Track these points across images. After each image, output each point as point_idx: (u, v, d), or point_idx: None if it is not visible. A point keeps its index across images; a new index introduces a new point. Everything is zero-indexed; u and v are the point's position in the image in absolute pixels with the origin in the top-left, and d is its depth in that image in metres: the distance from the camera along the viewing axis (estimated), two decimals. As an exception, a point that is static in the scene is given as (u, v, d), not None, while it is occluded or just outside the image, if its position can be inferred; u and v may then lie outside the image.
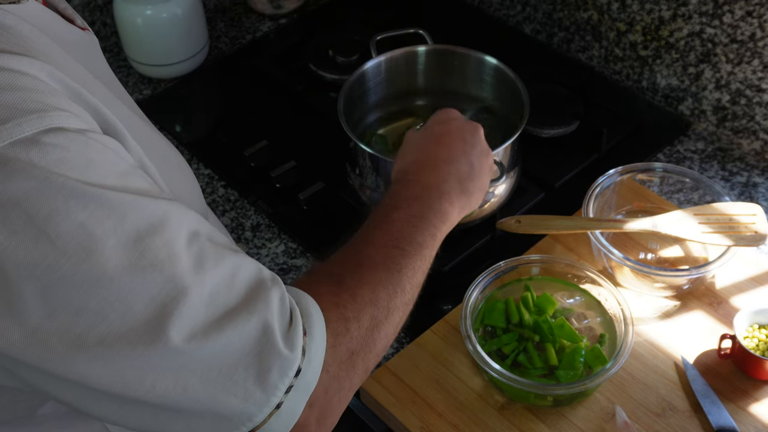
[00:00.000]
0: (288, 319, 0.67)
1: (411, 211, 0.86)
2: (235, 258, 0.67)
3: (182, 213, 0.66)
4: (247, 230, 1.27)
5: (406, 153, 0.98)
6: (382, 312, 0.77)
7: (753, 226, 1.09)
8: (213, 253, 0.65)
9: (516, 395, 1.01)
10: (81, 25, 0.83)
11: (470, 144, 0.97)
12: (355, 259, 0.80)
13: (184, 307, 0.62)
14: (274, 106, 1.47)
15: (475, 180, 0.96)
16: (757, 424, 0.99)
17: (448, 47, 1.28)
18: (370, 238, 0.83)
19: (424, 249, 0.85)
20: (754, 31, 1.24)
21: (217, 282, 0.64)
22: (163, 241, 0.62)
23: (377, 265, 0.79)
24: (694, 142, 1.36)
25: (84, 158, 0.61)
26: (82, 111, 0.64)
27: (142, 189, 0.64)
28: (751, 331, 1.04)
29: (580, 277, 1.09)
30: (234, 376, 0.64)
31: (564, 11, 1.49)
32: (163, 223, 0.63)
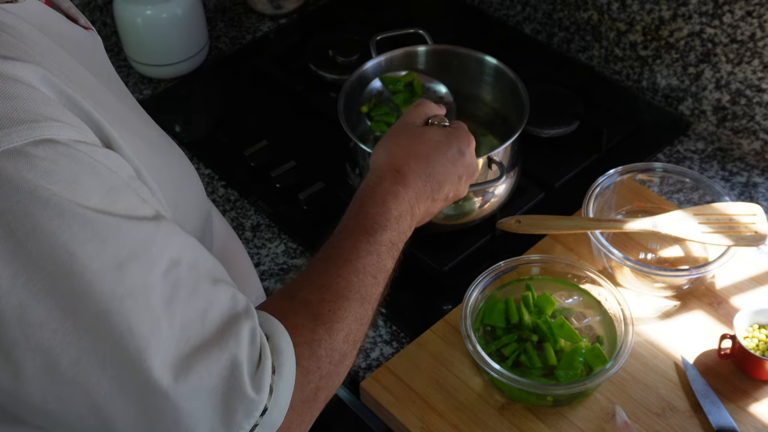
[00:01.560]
0: (257, 357, 0.66)
1: (394, 233, 0.85)
2: (211, 290, 0.66)
3: (166, 237, 0.64)
4: (247, 230, 1.27)
5: (407, 146, 0.93)
6: (351, 346, 0.76)
7: (753, 226, 1.09)
8: (189, 285, 0.64)
9: (516, 395, 1.01)
10: (84, 24, 0.82)
11: (459, 185, 0.96)
12: (336, 287, 0.77)
13: (156, 340, 0.60)
14: (274, 106, 1.47)
15: (432, 214, 0.95)
16: (757, 424, 0.99)
17: (448, 47, 1.28)
18: (354, 262, 0.80)
19: (388, 274, 0.85)
20: (754, 31, 1.24)
21: (190, 316, 0.63)
22: (142, 269, 0.61)
23: (355, 297, 0.78)
24: (694, 142, 1.36)
25: (72, 174, 0.60)
26: (76, 120, 0.63)
27: (130, 208, 0.63)
28: (751, 331, 1.04)
29: (580, 277, 1.09)
30: (199, 415, 0.63)
31: (564, 11, 1.49)
32: (144, 250, 0.62)
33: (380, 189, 0.88)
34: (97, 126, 0.65)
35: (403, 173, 0.90)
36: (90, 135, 0.64)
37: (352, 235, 0.83)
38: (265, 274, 1.20)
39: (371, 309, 0.81)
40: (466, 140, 0.96)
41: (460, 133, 0.96)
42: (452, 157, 0.94)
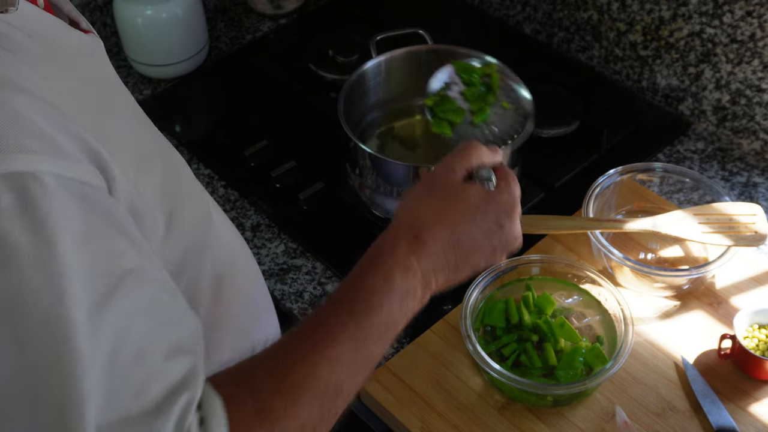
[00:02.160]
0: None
1: (391, 316, 0.74)
2: (154, 365, 0.61)
3: (121, 303, 0.60)
4: (247, 230, 1.27)
5: (437, 204, 0.80)
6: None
7: (753, 226, 1.09)
8: (132, 356, 0.60)
9: (516, 395, 1.01)
10: (85, 27, 0.81)
11: (495, 256, 0.82)
12: (298, 376, 0.68)
13: (83, 410, 0.57)
14: (274, 106, 1.47)
15: (456, 282, 0.82)
16: (757, 424, 0.99)
17: (448, 47, 1.28)
18: (329, 348, 0.70)
19: (375, 363, 0.75)
20: (754, 31, 1.24)
21: (123, 391, 0.60)
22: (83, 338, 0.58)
23: (318, 392, 0.68)
24: (694, 142, 1.36)
25: (41, 213, 0.57)
26: (64, 144, 0.61)
27: (96, 258, 0.60)
28: (751, 331, 1.04)
29: (580, 277, 1.09)
30: None
31: (564, 11, 1.49)
32: (96, 312, 0.58)
33: (391, 258, 0.76)
34: (90, 148, 0.64)
35: (422, 240, 0.77)
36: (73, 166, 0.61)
37: (339, 311, 0.73)
38: (265, 274, 1.20)
39: (345, 401, 0.71)
40: (510, 210, 0.81)
41: (503, 199, 0.81)
42: (487, 229, 0.80)
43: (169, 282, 0.68)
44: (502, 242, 0.82)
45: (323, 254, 1.21)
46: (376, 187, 1.18)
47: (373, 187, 1.18)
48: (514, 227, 0.83)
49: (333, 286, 1.17)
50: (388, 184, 1.15)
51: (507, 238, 0.82)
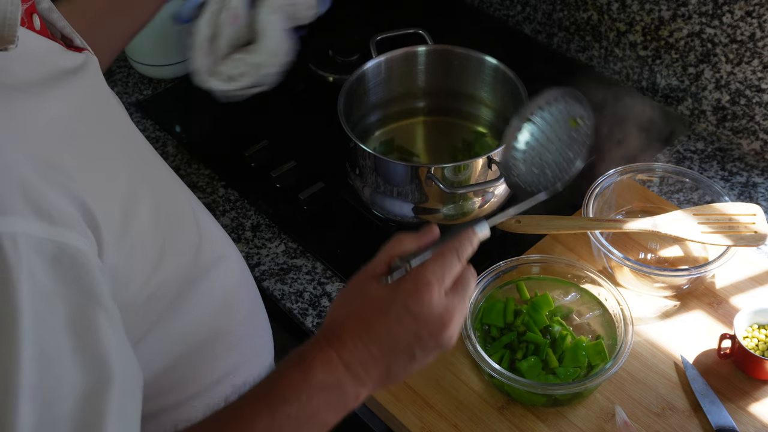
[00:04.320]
0: None
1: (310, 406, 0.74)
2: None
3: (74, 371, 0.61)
4: (247, 230, 1.27)
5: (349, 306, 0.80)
6: None
7: (753, 226, 1.09)
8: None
9: (516, 395, 1.01)
10: (80, 44, 0.81)
11: (425, 339, 0.78)
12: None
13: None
14: (274, 106, 1.47)
15: (407, 371, 0.79)
16: (756, 424, 0.99)
17: (448, 47, 1.28)
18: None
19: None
20: (754, 31, 1.24)
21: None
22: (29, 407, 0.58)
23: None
24: (694, 142, 1.36)
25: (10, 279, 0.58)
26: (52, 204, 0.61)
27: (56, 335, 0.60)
28: (750, 331, 1.05)
29: (580, 276, 1.10)
30: None
31: (564, 11, 1.49)
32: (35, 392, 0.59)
33: (311, 353, 0.76)
34: (83, 206, 0.64)
35: (340, 337, 0.77)
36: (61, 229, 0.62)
37: (256, 401, 0.74)
38: (265, 274, 1.20)
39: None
40: (414, 295, 0.76)
41: (407, 287, 0.77)
42: (396, 317, 0.76)
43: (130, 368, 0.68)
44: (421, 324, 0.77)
45: (323, 254, 1.21)
46: (376, 187, 1.18)
47: (373, 187, 1.18)
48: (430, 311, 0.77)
49: (333, 286, 1.17)
50: (388, 184, 1.15)
51: (425, 320, 0.77)
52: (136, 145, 0.84)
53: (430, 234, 0.82)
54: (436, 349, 0.79)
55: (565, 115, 0.95)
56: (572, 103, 0.95)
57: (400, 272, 0.78)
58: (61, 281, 0.61)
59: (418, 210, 1.16)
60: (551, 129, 0.94)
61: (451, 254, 0.79)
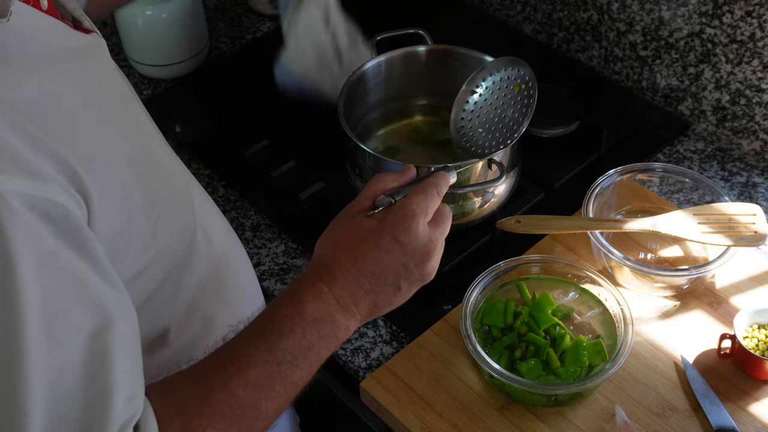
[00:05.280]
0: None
1: (302, 341, 0.77)
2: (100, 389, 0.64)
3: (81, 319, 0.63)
4: (247, 230, 1.27)
5: (338, 239, 0.84)
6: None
7: (753, 226, 1.09)
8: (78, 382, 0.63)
9: (516, 395, 1.01)
10: (88, 27, 0.82)
11: (410, 269, 0.83)
12: (218, 399, 0.72)
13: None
14: (274, 106, 1.47)
15: (394, 300, 0.84)
16: (756, 424, 0.99)
17: (448, 47, 1.28)
18: (245, 372, 0.74)
19: (297, 387, 0.78)
20: (754, 31, 1.24)
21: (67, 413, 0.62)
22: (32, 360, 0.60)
23: (235, 414, 0.72)
24: (694, 142, 1.36)
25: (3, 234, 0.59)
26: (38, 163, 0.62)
27: (54, 282, 0.62)
28: (750, 331, 1.05)
29: (580, 277, 1.10)
30: None
31: (564, 11, 1.49)
32: (48, 335, 0.61)
33: (300, 287, 0.80)
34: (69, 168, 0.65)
35: (329, 270, 0.81)
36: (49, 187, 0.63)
37: (253, 336, 0.77)
38: (265, 274, 1.20)
39: (263, 423, 0.75)
40: (402, 225, 0.82)
41: (393, 218, 0.82)
42: (385, 247, 0.81)
43: (127, 311, 0.69)
44: (408, 254, 0.82)
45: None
46: (376, 187, 1.18)
47: (373, 187, 1.18)
48: (415, 236, 0.82)
49: (333, 286, 1.18)
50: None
51: (412, 249, 0.82)
52: (140, 127, 0.84)
53: (408, 173, 0.88)
54: (419, 282, 0.84)
55: (508, 83, 1.05)
56: (514, 70, 1.04)
57: (386, 206, 0.84)
58: (54, 234, 0.62)
59: (418, 210, 1.16)
60: (496, 96, 1.04)
61: (431, 188, 0.85)
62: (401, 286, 0.83)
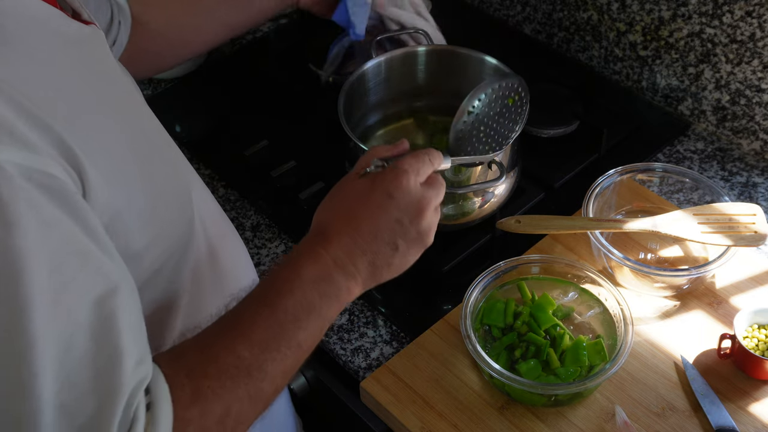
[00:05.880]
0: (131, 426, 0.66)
1: (303, 300, 0.78)
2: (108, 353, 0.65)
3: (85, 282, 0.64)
4: (247, 230, 1.27)
5: (335, 203, 0.87)
6: (230, 425, 0.72)
7: (753, 226, 1.09)
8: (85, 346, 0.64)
9: (516, 395, 1.01)
10: (87, 18, 0.83)
11: (405, 226, 0.84)
12: (224, 362, 0.73)
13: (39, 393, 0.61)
14: (274, 106, 1.47)
15: (394, 259, 0.85)
16: (756, 424, 0.99)
17: (448, 47, 1.28)
18: (249, 335, 0.75)
19: (303, 347, 0.78)
20: (754, 31, 1.24)
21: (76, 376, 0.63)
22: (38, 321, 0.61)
23: (242, 375, 0.73)
24: (694, 142, 1.36)
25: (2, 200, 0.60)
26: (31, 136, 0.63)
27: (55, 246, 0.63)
28: (750, 331, 1.05)
29: (580, 277, 1.10)
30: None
31: (564, 11, 1.49)
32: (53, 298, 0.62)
33: (298, 253, 0.82)
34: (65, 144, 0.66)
35: (325, 234, 0.83)
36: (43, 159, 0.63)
37: (254, 301, 0.79)
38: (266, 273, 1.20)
39: (271, 384, 0.75)
40: (394, 181, 0.84)
41: (385, 176, 0.85)
42: (378, 203, 0.84)
43: (128, 281, 0.70)
44: (402, 209, 0.84)
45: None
46: (376, 187, 1.18)
47: (373, 187, 1.18)
48: (409, 194, 0.84)
49: (333, 286, 1.18)
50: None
51: (405, 204, 0.84)
52: (139, 114, 0.85)
53: (402, 145, 0.91)
54: (417, 242, 0.85)
55: (501, 97, 1.10)
56: (507, 84, 1.10)
57: (379, 167, 0.86)
58: (53, 204, 0.63)
59: (418, 210, 1.16)
60: (491, 109, 1.10)
61: (424, 155, 0.88)
62: (398, 245, 0.84)
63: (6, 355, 0.61)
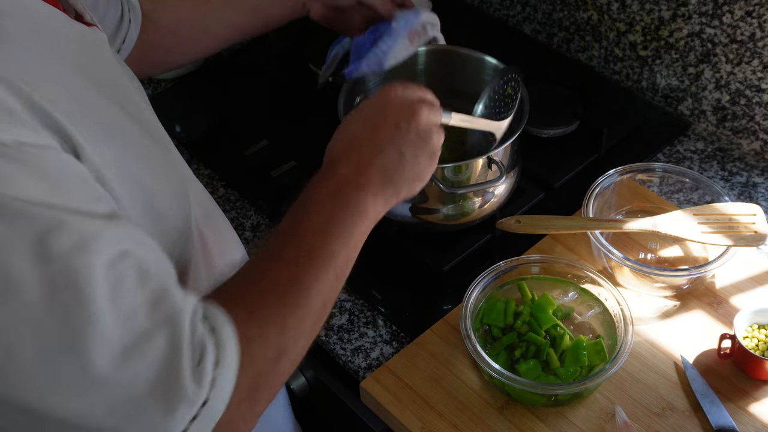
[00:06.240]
0: (200, 350, 0.67)
1: (324, 214, 0.81)
2: (157, 285, 0.66)
3: (114, 232, 0.65)
4: (247, 230, 1.27)
5: (336, 137, 0.91)
6: (290, 340, 0.74)
7: (753, 226, 1.09)
8: (134, 278, 0.65)
9: (516, 395, 1.01)
10: (89, 20, 0.83)
11: (404, 130, 0.88)
12: (266, 282, 0.75)
13: (97, 332, 0.61)
14: (274, 106, 1.47)
15: (405, 168, 0.87)
16: (756, 423, 0.99)
17: (448, 47, 1.28)
18: (278, 252, 0.78)
19: (337, 258, 0.79)
20: (754, 31, 1.24)
21: (134, 309, 0.64)
22: (84, 261, 0.61)
23: (284, 289, 0.75)
24: (694, 142, 1.36)
25: (11, 172, 0.60)
26: (34, 123, 0.64)
27: (78, 204, 0.64)
28: (750, 331, 1.05)
29: (580, 277, 1.10)
30: (140, 406, 0.63)
31: (564, 11, 1.49)
32: (88, 243, 0.62)
33: (310, 183, 0.86)
34: (62, 130, 0.66)
35: (332, 163, 0.87)
36: (42, 137, 0.64)
37: (277, 232, 0.81)
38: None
39: (314, 295, 0.77)
40: (380, 94, 0.91)
41: (372, 96, 0.91)
42: (372, 118, 0.89)
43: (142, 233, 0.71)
44: (399, 115, 0.88)
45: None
46: (376, 187, 1.18)
47: (373, 187, 1.18)
48: (398, 99, 0.89)
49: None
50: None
51: (399, 110, 0.88)
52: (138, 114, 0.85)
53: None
54: (420, 146, 0.88)
55: (503, 86, 1.17)
56: (505, 76, 1.17)
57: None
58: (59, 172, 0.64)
59: (418, 210, 1.16)
60: (495, 105, 1.17)
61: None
62: (404, 152, 0.87)
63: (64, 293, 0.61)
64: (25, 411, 0.61)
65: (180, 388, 0.64)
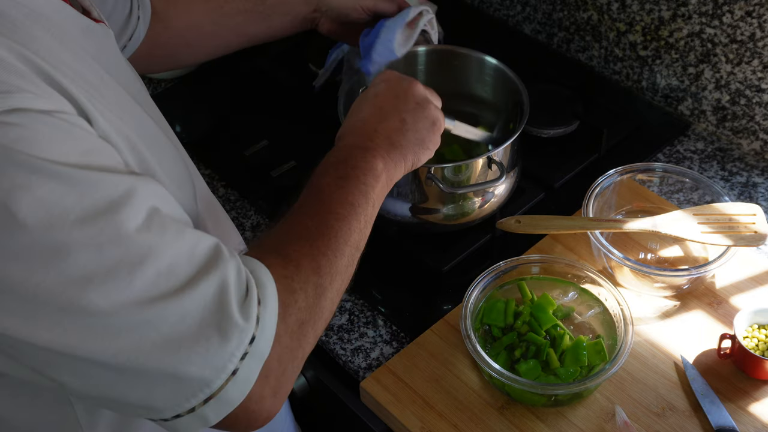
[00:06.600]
0: (245, 288, 0.70)
1: (338, 173, 0.87)
2: (195, 233, 0.70)
3: (147, 189, 0.68)
4: (247, 230, 1.27)
5: (346, 120, 0.98)
6: (326, 279, 0.78)
7: (753, 226, 1.09)
8: (174, 228, 0.68)
9: (516, 395, 1.01)
10: (96, 17, 0.84)
11: (402, 99, 0.97)
12: (295, 232, 0.81)
13: (143, 277, 0.64)
14: (274, 106, 1.47)
15: (407, 133, 0.95)
16: (756, 424, 0.99)
17: (448, 47, 1.28)
18: (304, 209, 0.84)
19: (357, 208, 0.85)
20: (754, 31, 1.24)
21: (177, 253, 0.67)
22: (123, 216, 0.64)
23: (314, 235, 0.80)
24: (694, 142, 1.36)
25: (46, 136, 0.63)
26: (52, 92, 0.66)
27: (108, 166, 0.66)
28: (750, 331, 1.05)
29: (580, 277, 1.10)
30: (192, 343, 0.66)
31: (564, 11, 1.49)
32: (125, 199, 0.65)
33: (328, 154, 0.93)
34: (75, 102, 0.68)
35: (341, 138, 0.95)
36: (66, 106, 0.66)
37: (303, 191, 0.87)
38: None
39: (342, 240, 0.82)
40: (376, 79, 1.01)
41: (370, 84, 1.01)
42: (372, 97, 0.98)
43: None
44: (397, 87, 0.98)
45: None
46: (376, 187, 1.18)
47: (373, 187, 1.18)
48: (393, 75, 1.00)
49: (333, 286, 1.18)
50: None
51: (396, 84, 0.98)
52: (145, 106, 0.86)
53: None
54: (419, 112, 0.97)
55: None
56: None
57: None
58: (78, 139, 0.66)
59: (418, 210, 1.16)
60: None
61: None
62: (404, 118, 0.95)
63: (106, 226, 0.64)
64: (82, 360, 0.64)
65: (232, 320, 0.67)
